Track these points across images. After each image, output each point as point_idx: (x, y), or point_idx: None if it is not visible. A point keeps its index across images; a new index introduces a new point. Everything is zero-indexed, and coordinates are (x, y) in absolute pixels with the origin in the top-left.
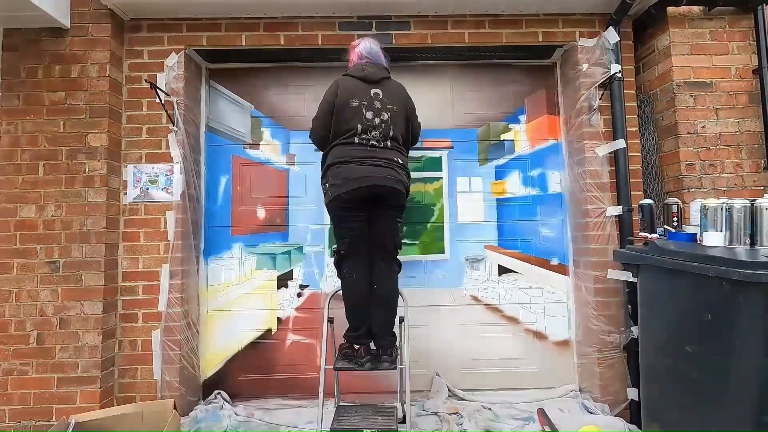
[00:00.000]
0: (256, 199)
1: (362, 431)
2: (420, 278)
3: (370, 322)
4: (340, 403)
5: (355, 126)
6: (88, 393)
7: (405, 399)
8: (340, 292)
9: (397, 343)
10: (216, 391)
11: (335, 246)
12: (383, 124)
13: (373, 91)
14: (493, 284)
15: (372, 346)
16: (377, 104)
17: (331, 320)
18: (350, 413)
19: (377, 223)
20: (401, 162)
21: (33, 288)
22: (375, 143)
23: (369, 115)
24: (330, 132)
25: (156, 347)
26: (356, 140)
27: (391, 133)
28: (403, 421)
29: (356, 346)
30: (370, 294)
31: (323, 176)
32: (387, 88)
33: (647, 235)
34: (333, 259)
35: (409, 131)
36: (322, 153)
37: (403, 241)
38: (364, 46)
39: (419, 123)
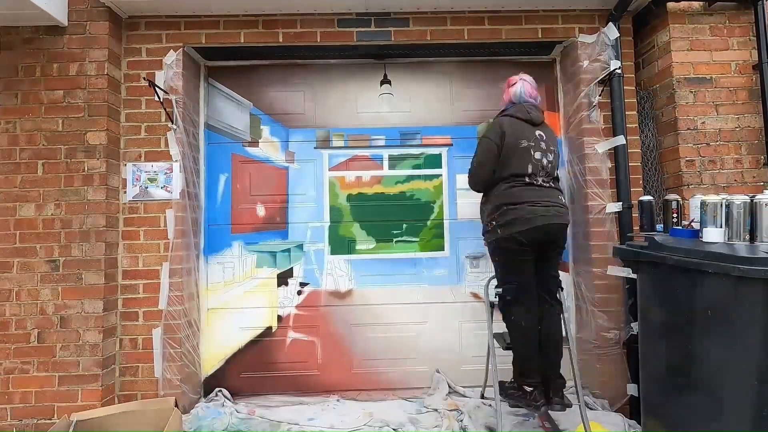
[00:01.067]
0: (256, 197)
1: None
2: (420, 275)
3: (542, 366)
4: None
5: (525, 167)
6: (89, 391)
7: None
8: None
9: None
10: (217, 389)
11: (497, 289)
12: (549, 165)
13: (537, 132)
14: (494, 281)
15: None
16: (543, 145)
17: (491, 304)
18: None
19: (545, 266)
20: (564, 201)
21: (33, 287)
22: (543, 183)
23: (537, 155)
24: (493, 173)
25: (157, 345)
26: (527, 180)
27: (555, 174)
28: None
29: (528, 389)
30: (539, 337)
31: (489, 216)
32: (546, 131)
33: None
34: (498, 303)
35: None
36: (481, 193)
37: (403, 238)
38: (525, 89)
39: None
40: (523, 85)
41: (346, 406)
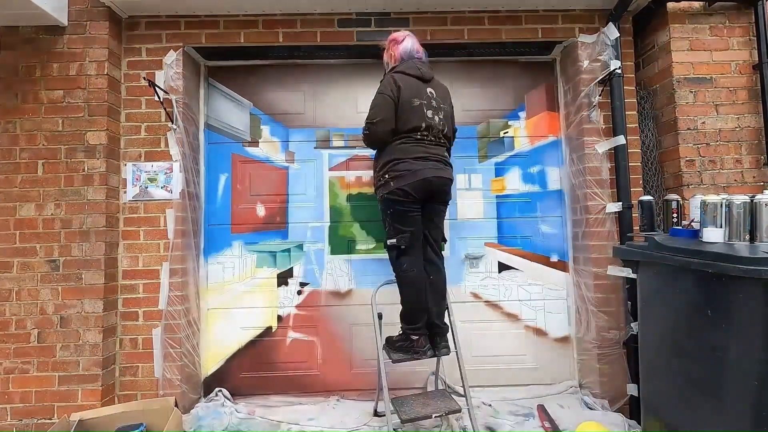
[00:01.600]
0: (256, 197)
1: (431, 416)
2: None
3: (428, 313)
4: (393, 397)
5: (419, 124)
6: (89, 391)
7: (464, 383)
8: (392, 285)
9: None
10: (217, 389)
11: (391, 240)
12: (441, 123)
13: (428, 90)
14: (493, 281)
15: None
16: (434, 103)
17: (380, 316)
18: (408, 404)
19: (431, 218)
20: (448, 158)
21: (33, 287)
22: (434, 139)
23: (429, 113)
24: (392, 128)
25: (157, 345)
26: (418, 136)
27: (444, 131)
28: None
29: (414, 337)
30: (428, 286)
31: (381, 170)
32: (437, 88)
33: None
34: (390, 254)
35: (452, 130)
36: (375, 150)
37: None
38: (412, 44)
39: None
40: (413, 40)
41: (346, 406)
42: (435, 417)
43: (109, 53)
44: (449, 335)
